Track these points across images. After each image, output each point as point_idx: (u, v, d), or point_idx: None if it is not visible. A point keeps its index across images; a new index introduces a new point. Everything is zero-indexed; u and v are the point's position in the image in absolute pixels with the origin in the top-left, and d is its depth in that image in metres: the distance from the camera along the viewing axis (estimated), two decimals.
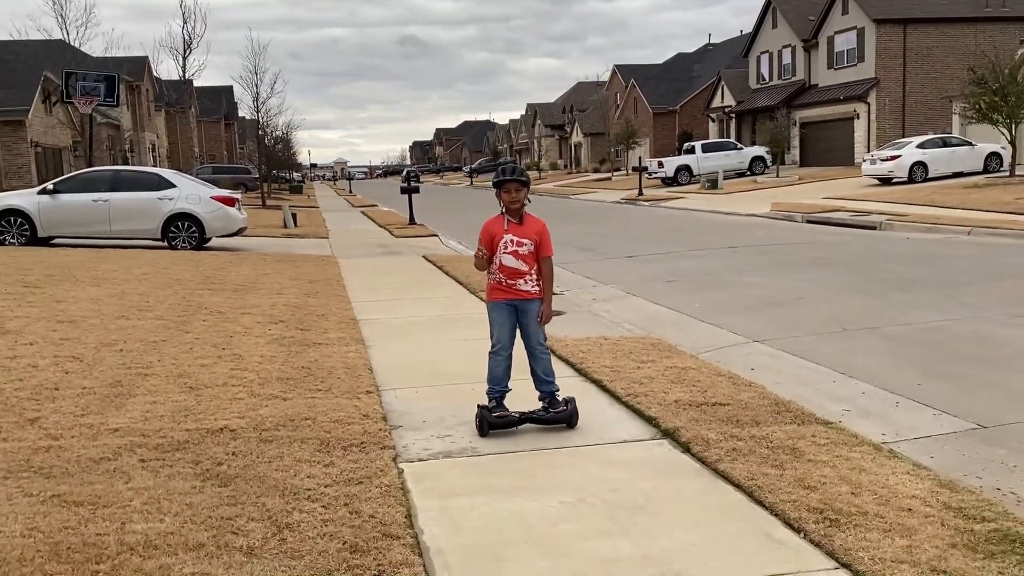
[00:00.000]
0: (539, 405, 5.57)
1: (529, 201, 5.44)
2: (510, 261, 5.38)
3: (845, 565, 3.55)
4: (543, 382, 5.53)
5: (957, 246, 15.84)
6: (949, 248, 15.51)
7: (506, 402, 5.53)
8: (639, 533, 3.60)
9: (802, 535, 3.84)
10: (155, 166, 43.59)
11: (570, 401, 5.52)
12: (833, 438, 5.12)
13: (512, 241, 5.37)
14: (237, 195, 19.20)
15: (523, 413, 5.46)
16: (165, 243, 17.68)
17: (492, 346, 5.51)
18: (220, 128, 79.49)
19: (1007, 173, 26.47)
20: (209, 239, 18.20)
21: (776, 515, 4.04)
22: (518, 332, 5.55)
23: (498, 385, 5.50)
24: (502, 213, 5.45)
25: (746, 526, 3.99)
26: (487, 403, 5.46)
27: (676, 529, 3.98)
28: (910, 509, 4.05)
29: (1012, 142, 26.11)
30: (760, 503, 4.16)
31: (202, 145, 72.26)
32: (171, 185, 18.08)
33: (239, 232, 18.79)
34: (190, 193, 18.01)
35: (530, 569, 3.60)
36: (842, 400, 6.31)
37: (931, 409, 6.03)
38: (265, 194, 39.60)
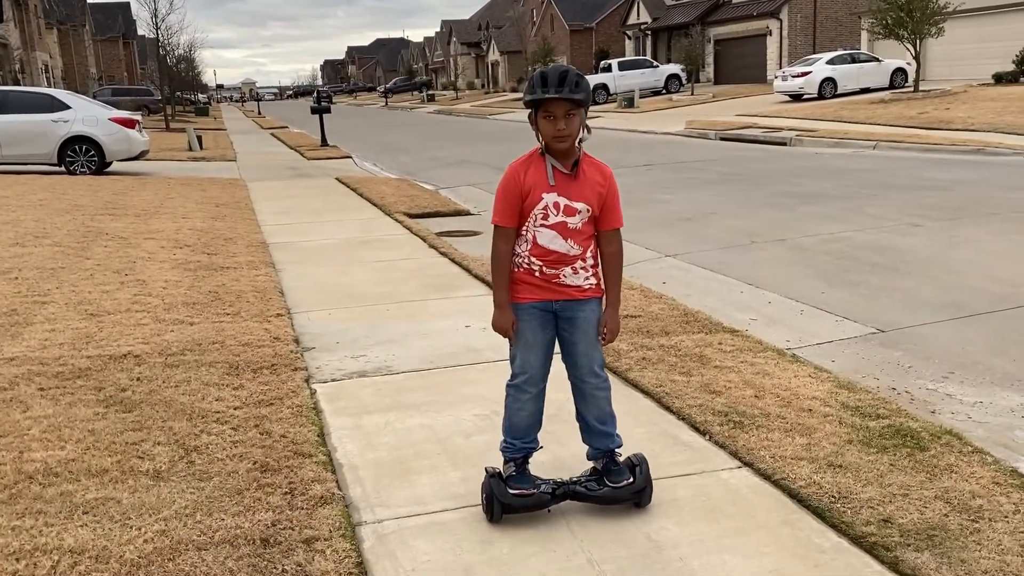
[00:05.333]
0: (585, 464, 3.47)
1: (588, 134, 3.15)
2: (551, 239, 3.14)
3: (748, 464, 3.68)
4: (597, 433, 3.36)
5: (863, 160, 16.28)
6: (855, 162, 15.92)
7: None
8: (551, 441, 3.65)
9: (707, 437, 3.96)
10: (50, 88, 41.28)
11: (640, 464, 3.36)
12: (739, 345, 5.27)
13: (558, 206, 3.12)
14: (137, 117, 18.38)
15: (559, 483, 3.35)
16: (62, 168, 16.89)
17: (512, 376, 3.32)
18: (118, 48, 75.60)
19: (911, 88, 27.14)
20: (109, 163, 17.46)
21: (683, 419, 4.15)
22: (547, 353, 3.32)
23: (520, 440, 3.35)
24: (541, 154, 3.14)
25: (654, 430, 4.08)
26: (501, 467, 3.38)
27: None
28: (810, 410, 4.21)
29: (916, 58, 26.72)
30: (668, 408, 4.26)
31: (100, 66, 68.69)
32: (65, 106, 17.17)
33: (141, 156, 18.06)
34: (87, 115, 17.15)
35: (442, 479, 3.63)
36: (749, 309, 6.47)
37: (833, 316, 6.24)
38: (169, 116, 38.10)
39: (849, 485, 3.43)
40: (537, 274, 3.19)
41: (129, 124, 17.61)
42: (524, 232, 3.18)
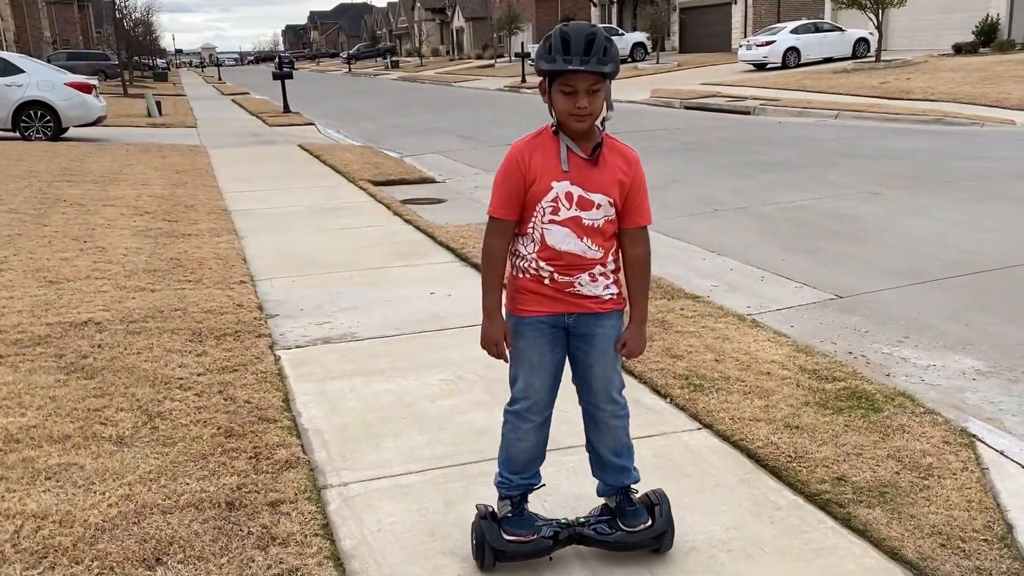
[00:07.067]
0: (594, 499, 2.95)
1: (611, 112, 2.61)
2: (563, 238, 2.60)
3: (707, 425, 3.76)
4: (612, 468, 2.83)
5: (825, 129, 16.43)
6: (817, 131, 16.07)
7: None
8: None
9: (668, 400, 4.03)
10: (2, 51, 40.17)
11: (660, 503, 2.85)
12: (701, 311, 5.34)
13: (570, 197, 2.58)
14: (94, 82, 17.99)
15: (563, 525, 2.83)
16: (17, 134, 16.51)
17: (512, 401, 2.78)
18: (73, 11, 73.57)
19: (873, 58, 27.38)
20: (66, 129, 17.11)
21: (644, 383, 4.21)
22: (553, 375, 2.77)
23: (518, 475, 2.82)
24: (554, 132, 2.61)
25: None
26: (495, 505, 2.85)
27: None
28: (769, 373, 4.29)
29: (879, 28, 26.92)
30: (630, 372, 4.32)
31: (54, 29, 66.90)
32: (18, 70, 16.75)
33: (98, 121, 17.71)
34: (41, 79, 16.76)
35: (407, 442, 3.66)
36: (711, 276, 6.55)
37: (793, 282, 6.35)
38: (127, 82, 37.28)
39: (805, 445, 3.52)
40: (547, 282, 2.62)
41: (86, 89, 17.25)
42: (530, 230, 2.61)
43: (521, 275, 2.67)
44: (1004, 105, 17.47)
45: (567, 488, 3.23)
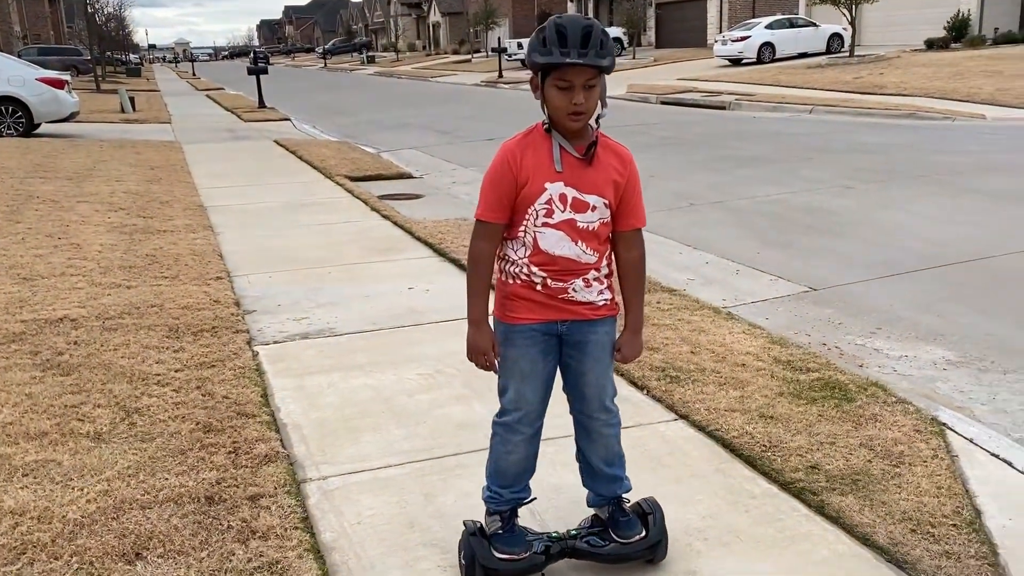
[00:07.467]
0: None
1: (605, 111, 2.49)
2: (557, 242, 2.48)
3: (683, 416, 3.80)
4: (603, 478, 2.76)
5: (799, 124, 16.58)
6: (792, 126, 16.21)
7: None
8: (493, 398, 3.71)
9: (645, 392, 4.07)
10: None
11: (653, 511, 2.78)
12: (677, 304, 5.39)
13: (564, 199, 2.46)
14: (66, 77, 17.79)
15: (554, 538, 2.73)
16: None
17: (502, 412, 2.68)
18: (44, 6, 72.59)
19: (847, 54, 27.62)
20: (38, 125, 16.92)
21: (621, 375, 4.24)
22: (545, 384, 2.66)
23: (508, 489, 2.72)
24: (546, 130, 2.47)
25: None
26: (483, 521, 2.75)
27: None
28: (744, 364, 4.35)
29: (852, 23, 27.16)
30: None
31: (24, 24, 66.00)
32: None
33: (71, 117, 17.52)
34: (12, 75, 16.55)
35: (386, 436, 3.67)
36: (687, 270, 6.61)
37: (768, 275, 6.42)
38: (99, 77, 36.84)
39: (779, 435, 3.57)
40: (539, 288, 2.51)
41: (58, 84, 17.05)
42: (521, 234, 2.48)
43: (511, 280, 2.53)
44: (975, 100, 17.70)
45: (547, 480, 3.25)
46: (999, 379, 4.48)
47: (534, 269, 2.49)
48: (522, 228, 2.48)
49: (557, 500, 3.12)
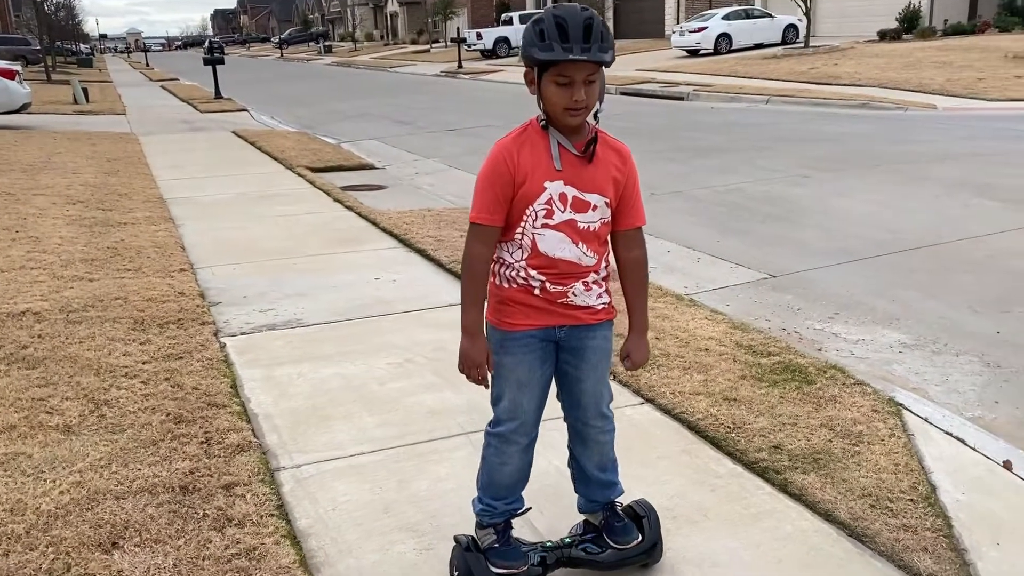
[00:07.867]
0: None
1: (603, 105, 2.40)
2: (557, 244, 2.38)
3: (650, 400, 3.89)
4: (597, 484, 2.70)
5: (756, 114, 16.81)
6: (749, 116, 16.44)
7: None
8: (464, 384, 3.77)
9: (612, 377, 4.14)
10: None
11: (647, 514, 2.74)
12: None
13: (564, 199, 2.37)
14: (17, 67, 17.43)
15: (549, 548, 2.67)
16: None
17: (495, 422, 2.57)
18: None
19: (802, 45, 28.02)
20: None
21: None
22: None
23: (502, 500, 2.64)
24: (542, 127, 2.37)
25: None
26: (475, 533, 2.66)
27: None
28: (707, 349, 4.45)
29: (807, 14, 27.56)
30: None
31: None
32: None
33: (23, 109, 17.17)
34: None
35: (358, 424, 3.71)
36: (649, 258, 6.69)
37: (728, 263, 6.54)
38: (50, 68, 36.08)
39: (743, 416, 3.67)
40: (537, 292, 2.39)
41: (8, 75, 16.69)
42: (518, 236, 2.37)
43: (507, 284, 2.41)
44: (926, 90, 18.08)
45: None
46: (951, 361, 4.63)
47: (532, 272, 2.39)
48: (519, 230, 2.37)
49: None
